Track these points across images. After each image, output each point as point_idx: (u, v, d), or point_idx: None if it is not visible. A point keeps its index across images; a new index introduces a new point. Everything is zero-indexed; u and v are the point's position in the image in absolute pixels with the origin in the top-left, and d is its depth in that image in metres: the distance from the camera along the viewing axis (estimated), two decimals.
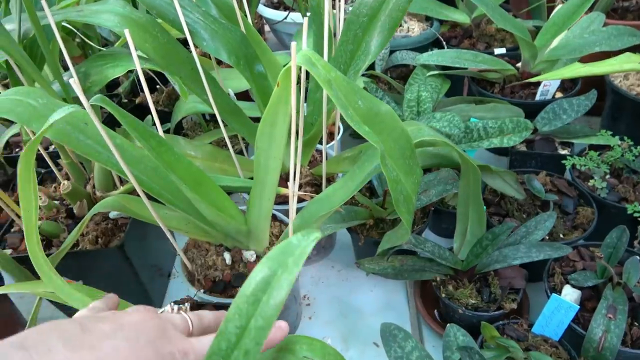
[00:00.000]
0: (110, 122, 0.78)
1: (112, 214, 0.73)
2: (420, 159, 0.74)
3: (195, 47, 0.67)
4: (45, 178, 0.85)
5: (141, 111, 1.04)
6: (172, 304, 0.40)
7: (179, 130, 1.07)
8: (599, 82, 0.95)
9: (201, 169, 0.59)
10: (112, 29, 0.63)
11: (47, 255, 0.61)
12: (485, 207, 0.78)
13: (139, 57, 0.68)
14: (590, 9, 1.07)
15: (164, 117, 0.87)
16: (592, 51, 0.92)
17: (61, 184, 0.69)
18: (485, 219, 0.68)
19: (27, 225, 0.49)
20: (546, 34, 0.96)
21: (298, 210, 0.66)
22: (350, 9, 0.67)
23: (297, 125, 0.56)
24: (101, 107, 1.00)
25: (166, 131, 0.96)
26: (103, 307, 0.36)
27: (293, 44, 0.47)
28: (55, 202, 0.75)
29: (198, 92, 0.71)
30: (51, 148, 0.97)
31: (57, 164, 0.78)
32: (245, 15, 0.82)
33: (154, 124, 0.65)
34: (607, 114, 1.00)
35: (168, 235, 0.63)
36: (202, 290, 0.66)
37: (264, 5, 1.36)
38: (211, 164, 0.81)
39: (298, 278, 0.79)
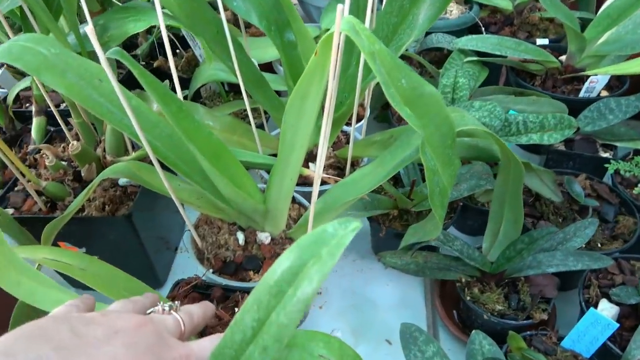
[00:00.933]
0: (126, 82, 0.73)
1: (122, 181, 0.69)
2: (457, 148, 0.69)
3: (225, 9, 0.61)
4: (54, 137, 0.81)
5: (159, 76, 0.99)
6: (161, 304, 0.36)
7: (196, 98, 1.02)
8: None
9: (221, 141, 0.55)
10: None
11: (51, 219, 0.57)
12: None
13: (164, 13, 0.63)
14: None
15: (183, 84, 0.82)
16: None
17: (70, 144, 0.65)
18: (522, 221, 0.62)
19: None
20: (598, 26, 0.89)
21: (320, 193, 0.62)
22: None
23: (331, 100, 0.51)
24: (118, 66, 0.95)
25: (184, 98, 0.92)
26: (82, 306, 0.32)
27: (339, 7, 0.41)
28: (63, 162, 0.71)
29: (223, 57, 0.66)
30: (62, 106, 0.92)
31: (67, 123, 0.74)
32: None
33: (173, 89, 0.60)
34: None
35: (180, 208, 0.59)
36: (211, 270, 0.62)
37: None
38: (229, 137, 0.76)
39: None
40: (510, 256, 0.62)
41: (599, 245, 0.68)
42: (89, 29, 0.40)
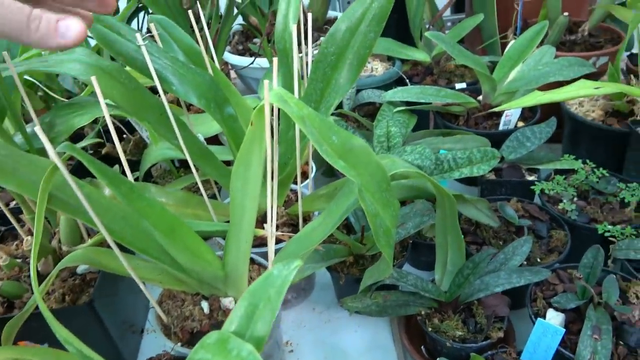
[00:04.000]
0: (77, 172, 0.75)
1: (80, 269, 0.70)
2: (395, 192, 0.75)
3: (165, 92, 0.66)
4: (6, 236, 0.80)
5: (108, 162, 1.01)
6: None
7: (148, 178, 1.05)
8: (556, 111, 1.00)
9: (175, 215, 0.57)
10: (78, 77, 0.62)
11: (9, 319, 0.57)
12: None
13: (107, 104, 0.67)
14: (541, 43, 1.13)
15: (133, 167, 0.84)
16: (547, 82, 0.96)
17: (24, 241, 0.66)
18: (464, 248, 0.68)
19: None
20: (503, 68, 1.00)
21: (276, 251, 0.65)
22: (316, 50, 0.68)
23: (273, 164, 0.56)
24: (69, 158, 0.97)
25: (135, 180, 0.94)
26: None
27: (266, 82, 0.47)
28: (18, 260, 0.71)
29: (168, 137, 0.70)
30: (12, 204, 0.92)
31: (19, 220, 0.74)
32: (213, 60, 0.83)
33: (124, 172, 0.63)
34: (567, 140, 1.04)
35: (141, 286, 0.60)
36: (179, 344, 0.62)
37: (229, 52, 1.38)
38: (184, 210, 0.79)
39: (279, 323, 0.76)
40: (460, 282, 0.66)
41: (539, 259, 0.74)
42: (37, 128, 0.43)
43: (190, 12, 0.74)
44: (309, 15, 0.69)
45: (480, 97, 1.08)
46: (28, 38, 0.35)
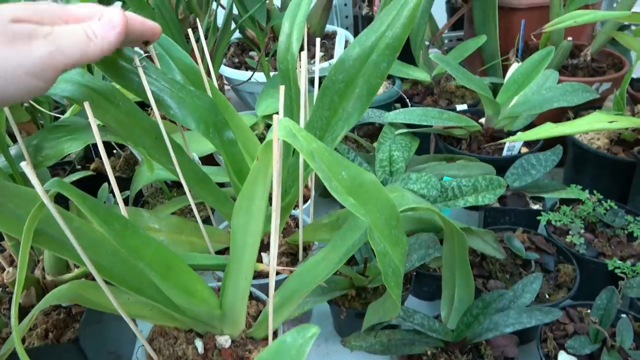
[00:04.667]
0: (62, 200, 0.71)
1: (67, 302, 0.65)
2: (402, 224, 0.72)
3: (163, 116, 0.63)
4: None
5: (97, 179, 0.97)
6: None
7: (138, 197, 1.00)
8: (560, 137, 0.98)
9: (171, 251, 0.54)
10: (70, 99, 0.58)
11: None
12: None
13: (99, 127, 0.63)
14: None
15: (122, 184, 0.80)
16: (551, 107, 0.95)
17: (5, 272, 0.61)
18: (473, 284, 0.65)
19: None
20: (507, 92, 0.98)
21: (277, 285, 0.61)
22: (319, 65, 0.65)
23: (278, 200, 0.53)
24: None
25: (125, 199, 0.90)
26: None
27: (275, 117, 0.44)
28: None
29: (163, 161, 0.66)
30: None
31: None
32: (211, 78, 0.80)
33: (112, 192, 0.59)
34: (569, 166, 1.03)
35: (131, 324, 0.56)
36: None
37: (224, 65, 1.35)
38: (177, 237, 0.75)
39: None
40: (469, 322, 0.63)
41: (547, 296, 0.72)
42: (24, 165, 0.39)
43: (189, 29, 0.70)
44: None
45: (482, 120, 1.06)
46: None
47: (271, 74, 1.23)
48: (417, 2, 0.50)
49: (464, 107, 1.13)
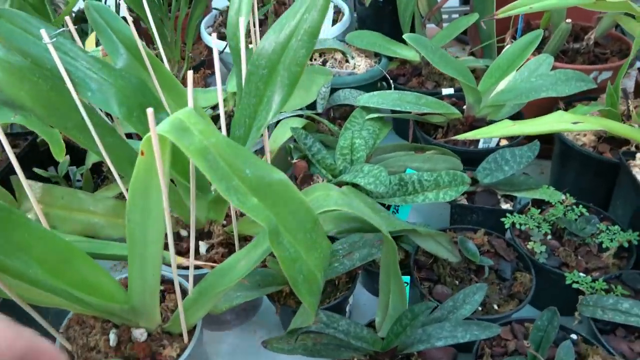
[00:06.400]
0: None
1: None
2: (336, 222, 0.67)
3: None
4: None
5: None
6: None
7: (100, 172, 0.98)
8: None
9: (69, 243, 0.51)
10: None
11: None
12: (415, 271, 0.71)
13: (14, 105, 0.60)
14: (540, 50, 1.02)
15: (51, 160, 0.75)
16: (538, 96, 0.86)
17: None
18: (407, 292, 0.60)
19: None
20: (490, 78, 0.90)
21: (201, 277, 0.59)
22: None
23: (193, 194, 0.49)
24: None
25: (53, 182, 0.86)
26: None
27: (149, 111, 0.40)
28: None
29: (90, 144, 0.63)
30: None
31: None
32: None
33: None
34: (556, 163, 0.95)
35: (36, 316, 0.54)
36: None
37: (209, 34, 1.29)
38: (114, 221, 0.72)
39: (203, 343, 0.70)
40: (398, 332, 0.59)
41: (496, 307, 0.67)
42: None
43: None
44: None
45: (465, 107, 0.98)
46: None
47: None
48: None
49: (450, 90, 1.05)
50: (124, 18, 0.70)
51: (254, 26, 0.75)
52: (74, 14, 1.22)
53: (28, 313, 0.53)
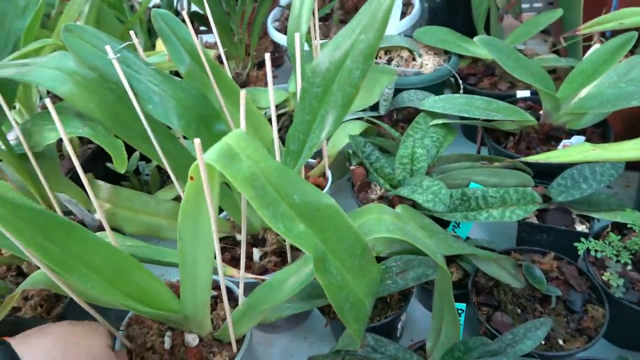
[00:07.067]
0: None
1: None
2: (388, 244, 0.65)
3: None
4: None
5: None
6: None
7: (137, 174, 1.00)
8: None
9: (125, 255, 0.53)
10: (54, 89, 0.57)
11: None
12: (473, 294, 0.68)
13: (84, 116, 0.63)
14: (633, 51, 0.91)
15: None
16: (627, 105, 0.77)
17: None
18: (462, 319, 0.57)
19: None
20: (572, 84, 0.82)
21: (253, 286, 0.59)
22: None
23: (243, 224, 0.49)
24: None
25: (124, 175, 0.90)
26: None
27: (197, 142, 0.40)
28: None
29: (152, 153, 0.65)
30: None
31: None
32: (221, 63, 0.76)
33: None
34: None
35: (98, 317, 0.57)
36: None
37: (276, 29, 1.29)
38: (173, 223, 0.75)
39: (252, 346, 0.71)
40: None
41: (561, 342, 0.61)
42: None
43: None
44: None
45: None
46: None
47: (322, 41, 1.15)
48: (390, 3, 0.41)
49: (526, 93, 0.97)
50: (184, 20, 0.70)
51: (314, 27, 0.73)
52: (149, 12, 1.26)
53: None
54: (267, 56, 0.56)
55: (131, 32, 0.61)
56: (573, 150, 0.57)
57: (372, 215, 0.53)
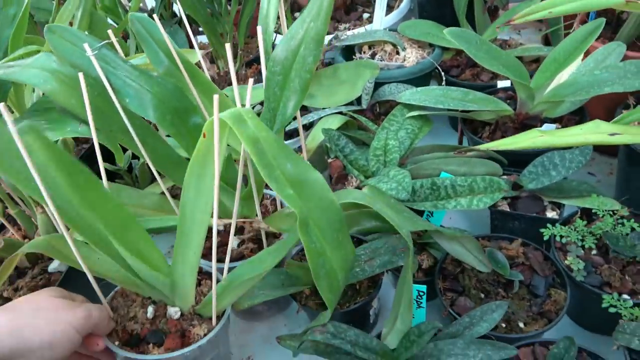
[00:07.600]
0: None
1: (51, 267, 0.74)
2: (357, 220, 0.67)
3: None
4: None
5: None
6: None
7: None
8: None
9: (130, 213, 0.56)
10: (39, 86, 0.62)
11: None
12: (439, 279, 0.70)
13: (75, 117, 0.67)
14: (612, 37, 0.92)
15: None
16: (601, 92, 0.78)
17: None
18: (413, 304, 0.59)
19: None
20: (545, 72, 0.83)
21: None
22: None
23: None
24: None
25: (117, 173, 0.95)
26: None
27: (215, 97, 0.44)
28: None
29: (133, 146, 0.69)
30: None
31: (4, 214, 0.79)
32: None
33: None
34: (620, 170, 0.86)
35: (92, 281, 0.60)
36: (116, 343, 0.63)
37: None
38: (158, 214, 0.79)
39: (228, 333, 0.74)
40: (407, 347, 0.59)
41: (522, 325, 0.63)
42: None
43: None
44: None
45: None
46: None
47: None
48: None
49: (507, 83, 0.98)
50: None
51: (283, 23, 0.76)
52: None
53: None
54: (230, 55, 0.59)
55: (109, 31, 0.65)
56: (522, 137, 0.58)
57: (342, 193, 0.57)
